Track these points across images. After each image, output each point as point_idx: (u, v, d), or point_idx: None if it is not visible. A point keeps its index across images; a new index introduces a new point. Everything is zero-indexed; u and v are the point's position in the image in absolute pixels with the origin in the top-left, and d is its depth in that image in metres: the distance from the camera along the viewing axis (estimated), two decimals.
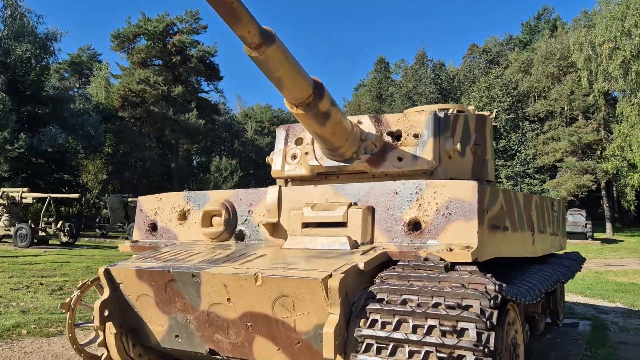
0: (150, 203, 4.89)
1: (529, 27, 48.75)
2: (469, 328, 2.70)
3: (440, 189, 3.59)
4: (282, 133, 5.17)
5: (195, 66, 34.28)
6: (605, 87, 33.78)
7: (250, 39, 3.24)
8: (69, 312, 4.36)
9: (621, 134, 32.04)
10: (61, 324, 6.67)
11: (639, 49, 30.72)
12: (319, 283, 3.04)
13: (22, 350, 5.60)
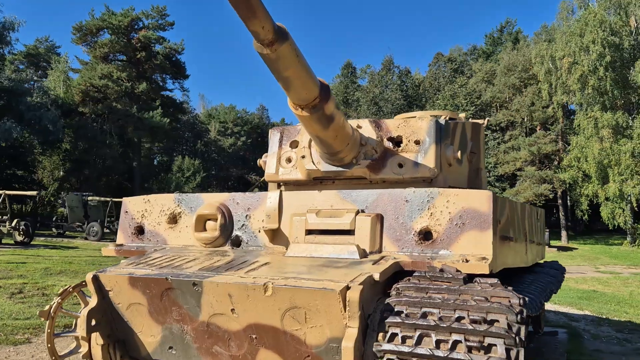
0: (136, 205, 4.64)
1: (492, 39, 50.06)
2: (497, 344, 2.61)
3: (454, 198, 3.50)
4: (276, 135, 5.00)
5: (161, 63, 33.46)
6: (563, 100, 34.90)
7: (264, 35, 3.07)
8: (49, 320, 4.04)
9: (578, 146, 33.11)
10: (28, 331, 6.28)
11: (595, 65, 31.87)
12: (336, 294, 2.90)
13: None
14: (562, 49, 33.53)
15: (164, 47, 34.06)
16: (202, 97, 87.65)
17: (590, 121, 32.39)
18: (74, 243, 22.71)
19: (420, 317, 2.84)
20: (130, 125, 30.81)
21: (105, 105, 31.22)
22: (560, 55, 33.60)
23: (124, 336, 3.82)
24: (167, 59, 34.08)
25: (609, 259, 25.42)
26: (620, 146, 30.97)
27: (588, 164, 32.22)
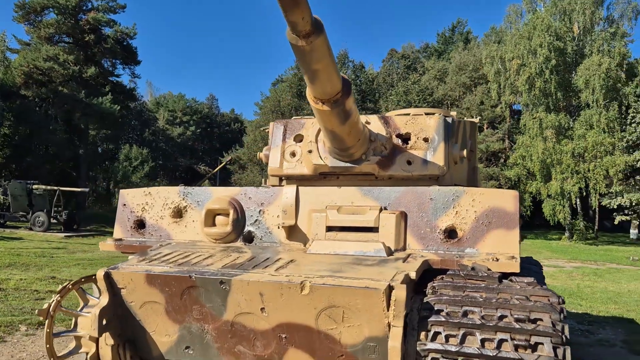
0: (136, 197, 4.44)
1: (444, 38, 51.34)
2: (544, 342, 2.66)
3: (479, 197, 3.55)
4: (279, 128, 4.89)
5: (111, 47, 32.05)
6: (511, 100, 36.26)
7: (302, 26, 2.97)
8: (48, 319, 3.79)
9: (523, 145, 34.49)
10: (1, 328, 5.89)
11: (542, 68, 33.27)
12: (380, 293, 2.87)
13: None
14: (512, 51, 34.77)
15: (115, 30, 32.65)
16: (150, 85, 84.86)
17: (535, 121, 33.80)
18: (18, 234, 21.53)
19: (462, 315, 2.86)
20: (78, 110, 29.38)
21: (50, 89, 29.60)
22: (510, 57, 34.83)
23: (134, 336, 3.65)
24: (118, 43, 32.73)
25: (551, 253, 26.66)
26: (562, 146, 32.53)
27: (532, 163, 33.62)
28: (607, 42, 34.84)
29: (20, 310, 7.21)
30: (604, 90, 32.67)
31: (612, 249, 28.51)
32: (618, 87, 33.44)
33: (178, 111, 72.32)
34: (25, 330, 5.96)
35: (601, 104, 32.78)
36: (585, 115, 33.26)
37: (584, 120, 33.11)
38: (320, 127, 4.15)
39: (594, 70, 32.72)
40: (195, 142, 72.33)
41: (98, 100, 29.79)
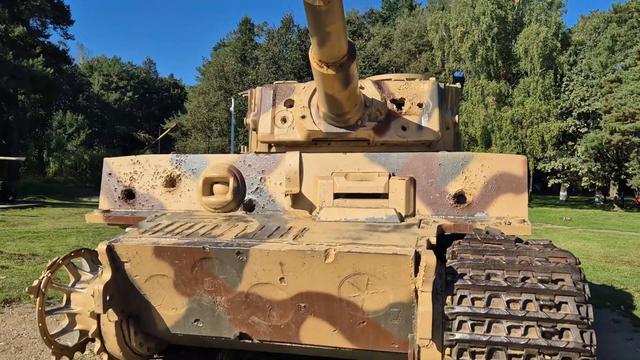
0: (123, 166, 4.20)
1: (389, 4, 51.32)
2: (568, 302, 2.75)
3: (488, 162, 3.59)
4: (268, 93, 4.71)
5: (40, 5, 29.72)
6: (455, 67, 37.02)
7: None
8: (39, 297, 3.56)
9: (466, 111, 35.47)
10: None
11: (484, 36, 34.07)
12: (409, 260, 2.87)
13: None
14: (456, 18, 35.34)
15: None
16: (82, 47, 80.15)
17: (477, 89, 34.79)
18: None
19: (486, 278, 2.91)
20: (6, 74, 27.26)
21: None
22: (454, 24, 35.40)
23: (138, 311, 3.49)
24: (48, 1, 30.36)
25: None
26: (502, 113, 33.74)
27: (474, 129, 34.71)
28: (544, 11, 36.07)
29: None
30: (541, 59, 33.97)
31: (545, 210, 30.15)
32: (554, 56, 34.84)
33: (113, 76, 68.84)
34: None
35: (538, 72, 34.12)
36: (524, 83, 34.55)
37: (522, 88, 34.39)
38: (319, 92, 4.01)
39: (532, 39, 33.88)
40: (133, 108, 69.48)
41: (28, 63, 27.75)
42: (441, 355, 2.91)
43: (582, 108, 33.92)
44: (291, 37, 44.28)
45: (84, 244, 11.61)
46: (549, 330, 2.71)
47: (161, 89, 77.78)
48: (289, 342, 3.32)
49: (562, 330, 2.71)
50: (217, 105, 44.07)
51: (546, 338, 2.70)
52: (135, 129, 66.73)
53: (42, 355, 4.38)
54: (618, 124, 23.65)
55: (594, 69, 33.27)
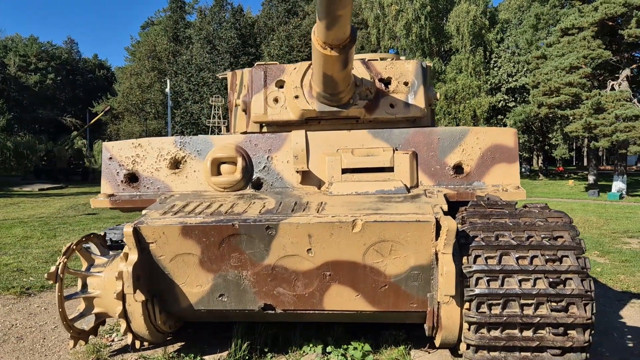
0: (124, 150, 4.21)
1: None
2: (569, 255, 3.13)
3: (483, 135, 3.91)
4: (259, 74, 4.80)
5: None
6: (390, 45, 37.72)
7: None
8: (58, 283, 3.57)
9: None
10: None
11: (418, 14, 34.95)
12: (431, 226, 3.14)
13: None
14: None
15: None
16: None
17: None
18: None
19: (496, 239, 3.24)
20: None
21: None
22: (388, 2, 35.97)
23: (161, 290, 3.57)
24: None
25: None
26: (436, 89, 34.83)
27: None
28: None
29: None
30: (471, 37, 35.38)
31: None
32: (482, 34, 36.34)
33: (32, 56, 64.71)
34: None
35: (468, 50, 35.52)
36: (455, 60, 35.85)
37: (455, 65, 35.69)
38: (316, 73, 4.15)
39: (462, 17, 35.17)
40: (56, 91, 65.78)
41: None
42: (460, 310, 3.23)
43: (510, 84, 35.71)
44: (225, 15, 43.35)
45: (32, 234, 11.19)
46: (555, 281, 3.08)
47: (85, 71, 73.95)
48: (312, 310, 3.51)
49: (566, 279, 3.09)
50: (150, 87, 42.77)
51: (553, 287, 3.07)
52: (60, 114, 63.33)
53: (45, 342, 4.34)
54: (545, 98, 25.11)
55: (520, 46, 35.03)
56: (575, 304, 3.05)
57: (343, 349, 4.01)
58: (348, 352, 3.97)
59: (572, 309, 3.05)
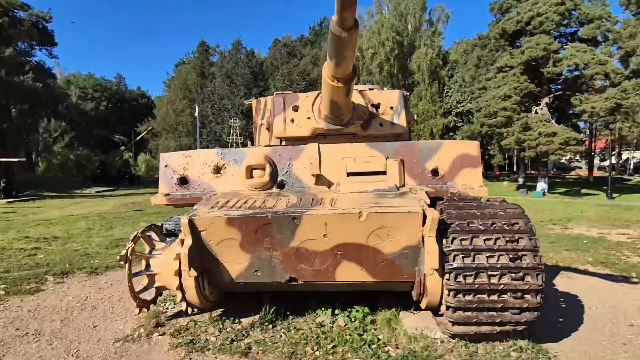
0: (177, 159, 4.16)
1: (315, 30, 51.31)
2: (524, 237, 3.14)
3: (453, 147, 3.92)
4: (279, 101, 4.80)
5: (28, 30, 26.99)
6: (367, 80, 37.77)
7: (349, 22, 3.02)
8: (127, 263, 3.52)
9: None
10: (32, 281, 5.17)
11: (388, 56, 35.09)
12: (419, 215, 3.14)
13: (32, 306, 4.31)
14: (367, 43, 36.00)
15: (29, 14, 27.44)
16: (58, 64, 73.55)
17: None
18: None
19: (467, 225, 3.25)
20: None
21: None
22: (366, 47, 36.05)
23: (209, 267, 3.53)
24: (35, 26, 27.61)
25: None
26: None
27: None
28: (429, 38, 37.60)
29: (26, 265, 6.33)
30: (429, 73, 35.53)
31: None
32: (437, 71, 36.52)
33: (89, 88, 63.94)
34: (53, 280, 5.31)
35: (427, 83, 35.67)
36: (417, 91, 35.97)
37: (416, 95, 35.79)
38: (325, 99, 4.17)
39: (422, 59, 35.32)
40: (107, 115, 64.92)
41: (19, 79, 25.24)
42: (441, 280, 3.23)
43: (459, 108, 35.90)
44: (240, 56, 43.17)
45: (93, 227, 11.03)
46: (514, 257, 3.10)
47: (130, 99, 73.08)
48: (326, 281, 3.50)
49: (522, 256, 3.10)
50: (182, 112, 42.43)
51: (512, 262, 3.08)
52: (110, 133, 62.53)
53: (114, 310, 4.27)
54: (485, 119, 25.31)
55: (466, 80, 35.24)
56: (529, 274, 3.07)
57: (347, 311, 4.00)
58: (351, 314, 3.96)
59: (527, 278, 3.07)
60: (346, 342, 3.47)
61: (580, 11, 23.70)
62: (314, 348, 3.38)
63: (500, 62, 25.49)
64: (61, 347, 3.41)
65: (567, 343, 3.55)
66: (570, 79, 24.44)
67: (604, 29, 23.63)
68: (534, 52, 23.28)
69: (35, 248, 7.94)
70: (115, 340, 3.52)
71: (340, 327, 3.78)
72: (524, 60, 23.79)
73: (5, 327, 3.76)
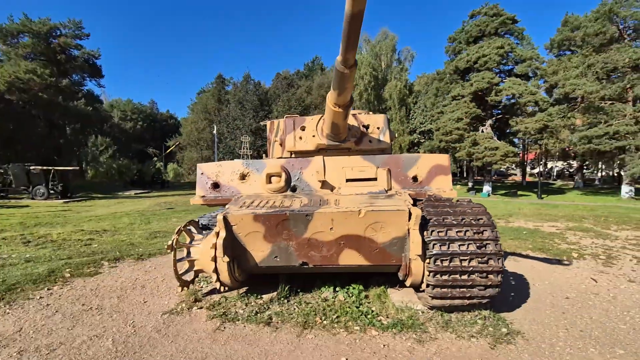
0: (210, 168, 4.11)
1: (308, 66, 51.44)
2: (487, 229, 3.17)
3: (429, 158, 3.93)
4: (290, 122, 4.78)
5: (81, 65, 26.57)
6: None
7: (351, 61, 3.04)
8: (173, 251, 3.47)
9: None
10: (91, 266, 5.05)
11: (367, 87, 35.28)
12: (406, 213, 3.15)
13: (93, 286, 4.19)
14: None
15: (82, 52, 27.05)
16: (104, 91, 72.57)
17: None
18: (22, 202, 17.61)
19: (443, 220, 3.26)
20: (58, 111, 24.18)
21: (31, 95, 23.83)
22: None
23: (238, 254, 3.50)
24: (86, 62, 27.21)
25: None
26: None
27: None
28: (398, 73, 37.92)
29: (84, 252, 6.19)
30: (398, 100, 35.79)
31: None
32: (405, 98, 36.81)
33: (128, 111, 63.23)
34: (108, 265, 5.20)
35: (397, 108, 35.92)
36: (389, 114, 36.16)
37: (389, 117, 35.95)
38: (327, 121, 4.15)
39: (393, 89, 35.57)
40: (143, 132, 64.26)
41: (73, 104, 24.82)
42: (423, 264, 3.24)
43: (422, 128, 36.22)
44: (249, 87, 43.01)
45: (134, 221, 10.85)
46: (480, 245, 3.12)
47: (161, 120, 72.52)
48: (331, 265, 3.48)
49: (486, 244, 3.12)
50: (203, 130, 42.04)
51: (479, 249, 3.11)
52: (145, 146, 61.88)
53: (159, 289, 4.19)
54: (443, 136, 25.57)
55: (427, 106, 35.61)
56: (492, 259, 3.10)
57: (346, 289, 3.99)
58: (349, 291, 3.94)
59: (490, 262, 3.09)
60: (347, 313, 3.45)
61: (515, 53, 24.16)
62: (322, 318, 3.36)
63: (454, 92, 25.80)
64: (119, 319, 3.33)
65: (519, 312, 3.58)
66: (508, 106, 24.84)
67: (534, 67, 24.10)
68: (480, 84, 23.62)
69: (89, 239, 7.79)
70: (163, 312, 3.46)
71: (341, 301, 3.76)
72: (473, 91, 24.12)
73: (73, 303, 3.67)
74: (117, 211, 14.47)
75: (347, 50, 2.87)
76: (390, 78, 36.85)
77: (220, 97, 44.35)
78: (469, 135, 23.99)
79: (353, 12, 2.53)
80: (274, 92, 43.99)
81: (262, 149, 39.18)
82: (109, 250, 6.31)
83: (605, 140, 19.74)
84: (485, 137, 23.61)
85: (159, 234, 8.36)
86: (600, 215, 12.10)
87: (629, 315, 3.51)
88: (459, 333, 3.08)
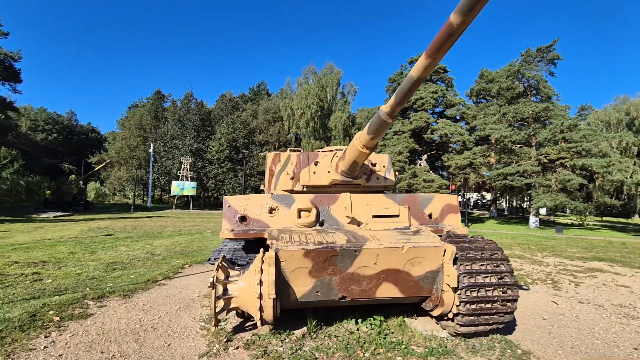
0: (238, 201, 4.09)
1: (254, 90, 51.60)
2: (503, 264, 3.69)
3: (442, 199, 4.43)
4: (305, 157, 4.98)
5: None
6: (296, 132, 38.72)
7: (396, 113, 3.44)
8: (214, 289, 3.33)
9: None
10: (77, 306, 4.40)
11: (313, 116, 36.57)
12: (442, 249, 3.53)
13: (97, 330, 3.70)
14: (297, 104, 37.18)
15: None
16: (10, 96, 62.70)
17: (309, 145, 36.88)
18: None
19: (468, 254, 3.71)
20: None
21: None
22: (296, 107, 37.19)
23: (280, 290, 3.49)
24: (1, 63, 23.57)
25: None
26: None
27: None
28: (342, 105, 40.14)
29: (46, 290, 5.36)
30: (342, 130, 37.66)
31: None
32: (348, 129, 38.89)
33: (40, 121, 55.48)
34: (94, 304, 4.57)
35: (341, 137, 37.67)
36: (334, 142, 37.73)
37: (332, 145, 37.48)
38: (349, 159, 4.35)
39: (337, 120, 37.43)
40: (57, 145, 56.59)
41: None
42: (454, 295, 3.61)
43: None
44: (191, 105, 41.41)
45: (74, 251, 9.55)
46: (500, 277, 3.61)
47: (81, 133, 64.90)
48: (369, 298, 3.65)
49: (504, 276, 3.63)
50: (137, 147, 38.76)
51: (499, 280, 3.60)
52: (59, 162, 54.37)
53: (171, 328, 3.87)
54: None
55: None
56: (510, 289, 3.59)
57: (367, 320, 4.16)
58: (371, 322, 4.13)
59: (508, 292, 3.58)
60: (381, 344, 3.63)
61: (446, 98, 27.61)
62: (362, 350, 3.49)
63: (395, 128, 28.21)
64: None
65: (517, 334, 4.10)
66: (440, 143, 27.93)
67: (461, 111, 27.73)
68: (418, 123, 26.30)
69: (35, 272, 6.69)
70: (199, 355, 3.25)
71: (365, 332, 3.92)
72: (412, 128, 26.70)
73: (88, 351, 3.22)
74: (45, 238, 12.48)
75: (398, 104, 3.26)
76: (335, 109, 38.77)
77: (158, 113, 41.80)
78: (410, 167, 26.22)
79: (419, 77, 2.96)
80: (217, 113, 42.94)
81: (203, 170, 37.42)
82: (74, 287, 5.55)
83: (517, 177, 23.29)
84: (423, 170, 26.05)
85: (116, 266, 7.53)
86: (522, 243, 14.07)
87: (596, 332, 4.30)
88: (488, 356, 3.48)
